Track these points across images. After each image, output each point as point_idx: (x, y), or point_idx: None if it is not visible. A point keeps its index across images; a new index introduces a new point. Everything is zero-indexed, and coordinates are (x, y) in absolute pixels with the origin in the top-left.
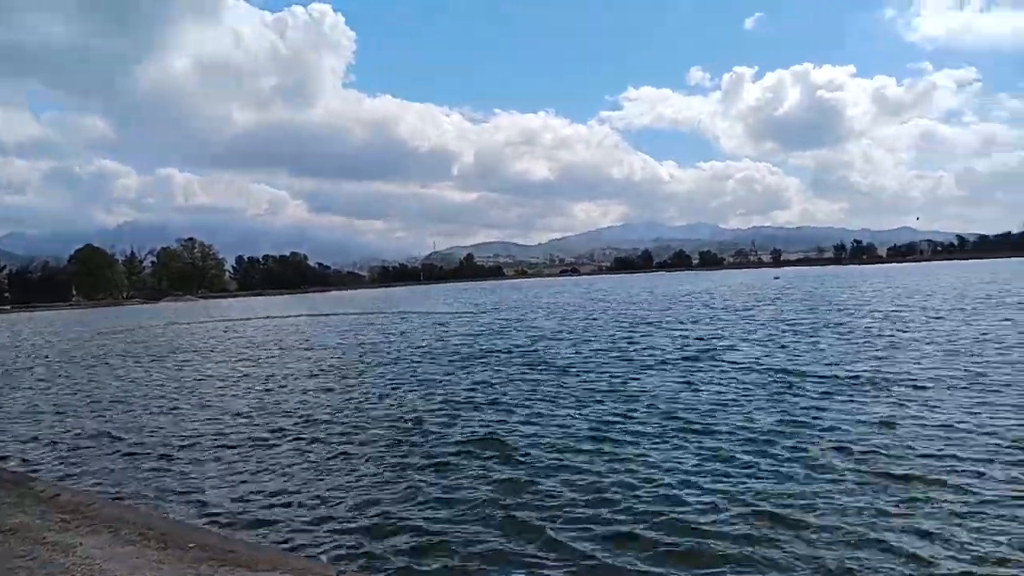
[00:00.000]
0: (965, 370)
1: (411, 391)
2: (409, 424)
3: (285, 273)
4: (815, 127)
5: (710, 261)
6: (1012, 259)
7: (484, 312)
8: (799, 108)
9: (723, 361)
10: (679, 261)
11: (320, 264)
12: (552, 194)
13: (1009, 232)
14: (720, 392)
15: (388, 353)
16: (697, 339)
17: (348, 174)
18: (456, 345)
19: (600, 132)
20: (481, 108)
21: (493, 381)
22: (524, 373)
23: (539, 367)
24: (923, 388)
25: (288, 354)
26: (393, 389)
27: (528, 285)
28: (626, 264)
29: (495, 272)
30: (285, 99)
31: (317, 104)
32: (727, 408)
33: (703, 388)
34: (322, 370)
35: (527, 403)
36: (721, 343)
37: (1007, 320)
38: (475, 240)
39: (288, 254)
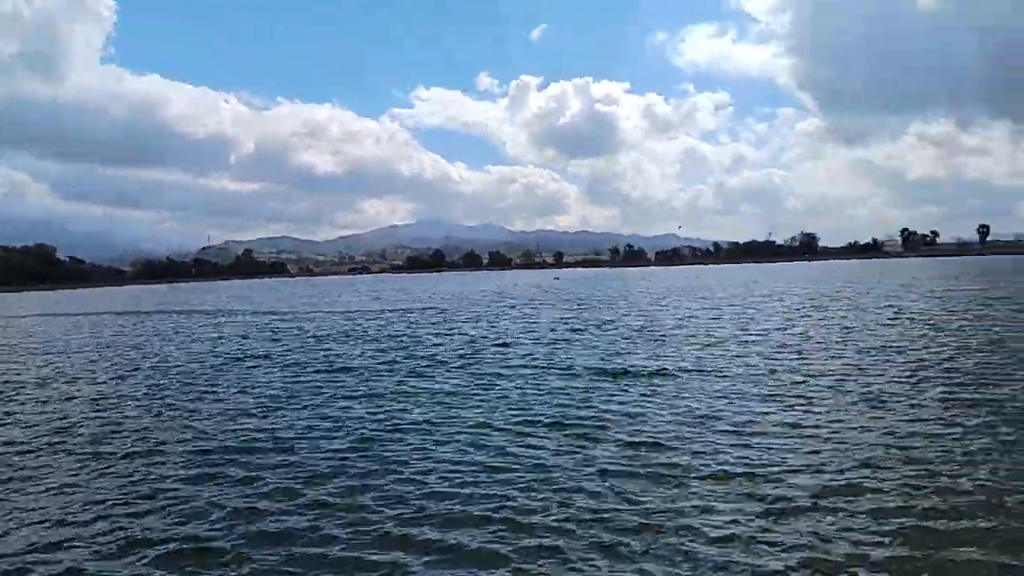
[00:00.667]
0: (714, 362)
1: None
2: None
3: (25, 265)
4: (593, 138)
5: (500, 261)
6: (763, 264)
7: (263, 312)
8: (579, 119)
9: (508, 358)
10: (471, 261)
11: (72, 258)
12: (341, 189)
13: (754, 240)
14: (508, 387)
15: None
16: (482, 337)
17: (108, 159)
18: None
19: (391, 128)
20: (263, 95)
21: (265, 384)
22: (302, 377)
23: (323, 371)
24: (676, 376)
25: None
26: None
27: (317, 283)
28: (419, 263)
29: (278, 269)
30: (28, 69)
31: (68, 78)
32: (512, 402)
33: (488, 383)
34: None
35: (298, 406)
36: (505, 339)
37: (750, 317)
38: (256, 234)
39: (32, 245)
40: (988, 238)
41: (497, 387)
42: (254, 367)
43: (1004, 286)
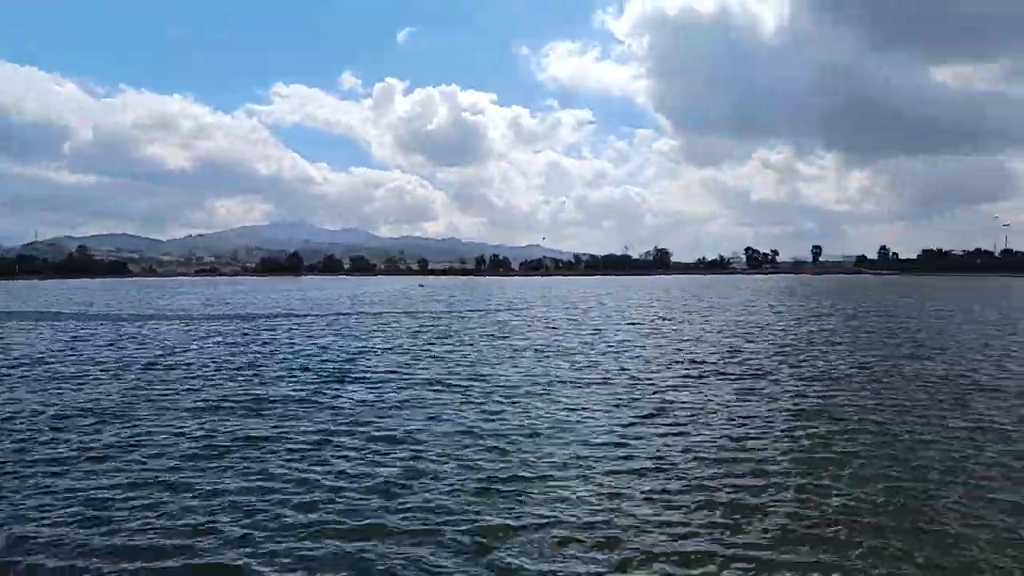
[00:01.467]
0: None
1: None
2: None
3: None
4: (461, 146)
5: (362, 267)
6: (621, 276)
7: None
8: (446, 126)
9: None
10: (330, 265)
11: None
12: (191, 186)
13: (612, 253)
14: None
15: None
16: (325, 347)
17: None
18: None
19: (247, 125)
20: (105, 82)
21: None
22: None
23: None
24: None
25: None
26: None
27: (158, 284)
28: (274, 266)
29: (118, 268)
30: None
31: None
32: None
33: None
34: None
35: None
36: (358, 352)
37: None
38: (93, 230)
39: None
40: (820, 258)
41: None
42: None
43: (833, 303)
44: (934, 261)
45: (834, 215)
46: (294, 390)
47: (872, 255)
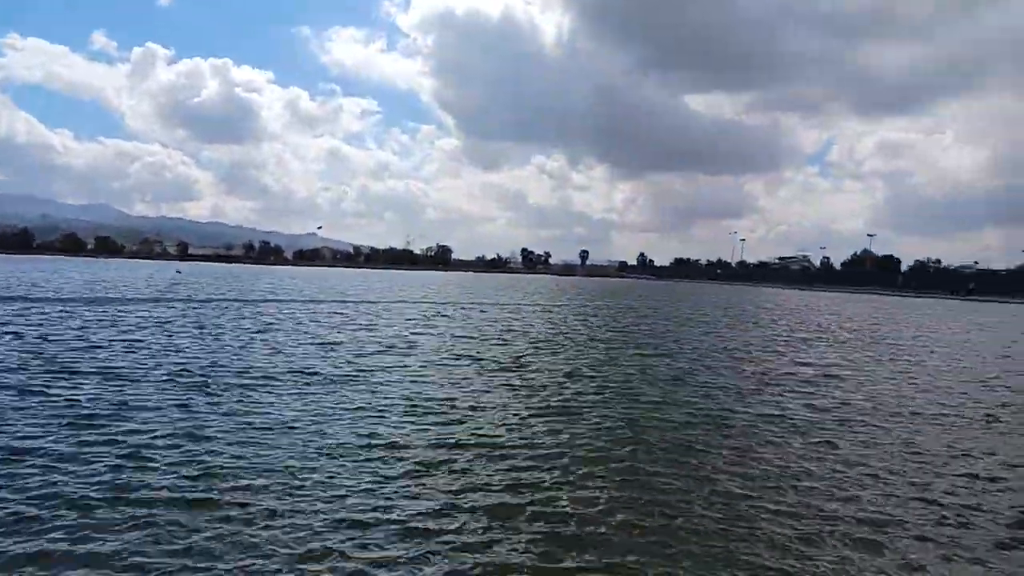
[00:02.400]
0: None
1: None
2: None
3: None
4: (232, 124)
5: (109, 247)
6: (402, 271)
7: None
8: (216, 102)
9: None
10: (71, 244)
11: None
12: None
13: (393, 247)
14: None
15: None
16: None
17: None
18: None
19: None
20: None
21: None
22: None
23: None
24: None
25: None
26: None
27: None
28: None
29: None
30: None
31: None
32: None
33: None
34: None
35: None
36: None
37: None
38: None
39: None
40: (588, 261)
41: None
42: None
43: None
44: (683, 269)
45: (602, 222)
46: None
47: (633, 261)
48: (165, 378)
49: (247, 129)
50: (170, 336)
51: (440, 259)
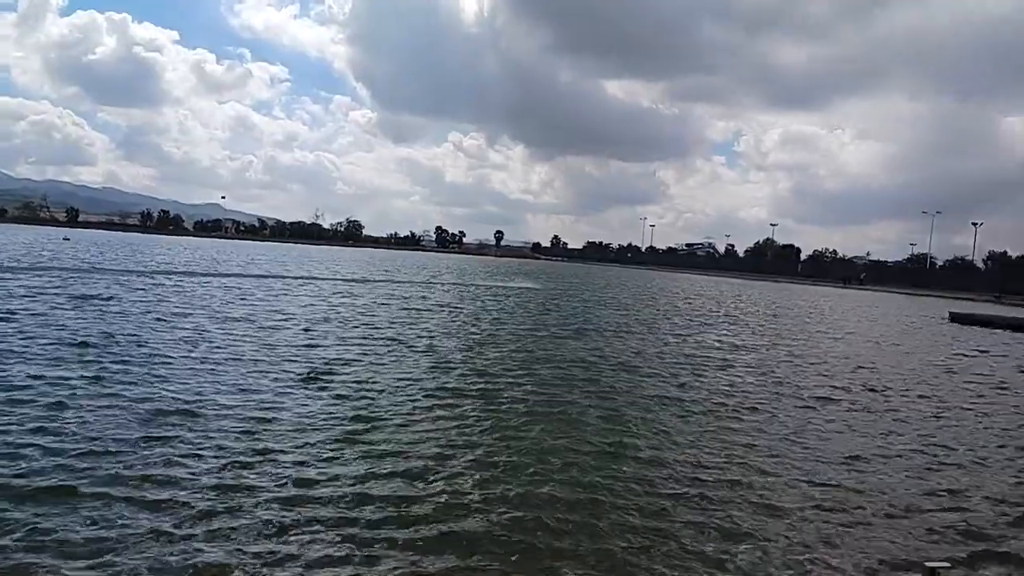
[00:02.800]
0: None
1: None
2: None
3: None
4: (130, 85)
5: None
6: (310, 245)
7: None
8: (113, 59)
9: None
10: None
11: None
12: None
13: (302, 221)
14: None
15: None
16: None
17: None
18: None
19: None
20: None
21: None
22: None
23: None
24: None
25: None
26: None
27: None
28: None
29: None
30: None
31: None
32: None
33: None
34: None
35: None
36: None
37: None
38: None
39: None
40: (503, 242)
41: None
42: None
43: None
44: (596, 252)
45: (517, 203)
46: None
47: (547, 242)
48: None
49: (147, 91)
50: (49, 309)
51: (350, 234)
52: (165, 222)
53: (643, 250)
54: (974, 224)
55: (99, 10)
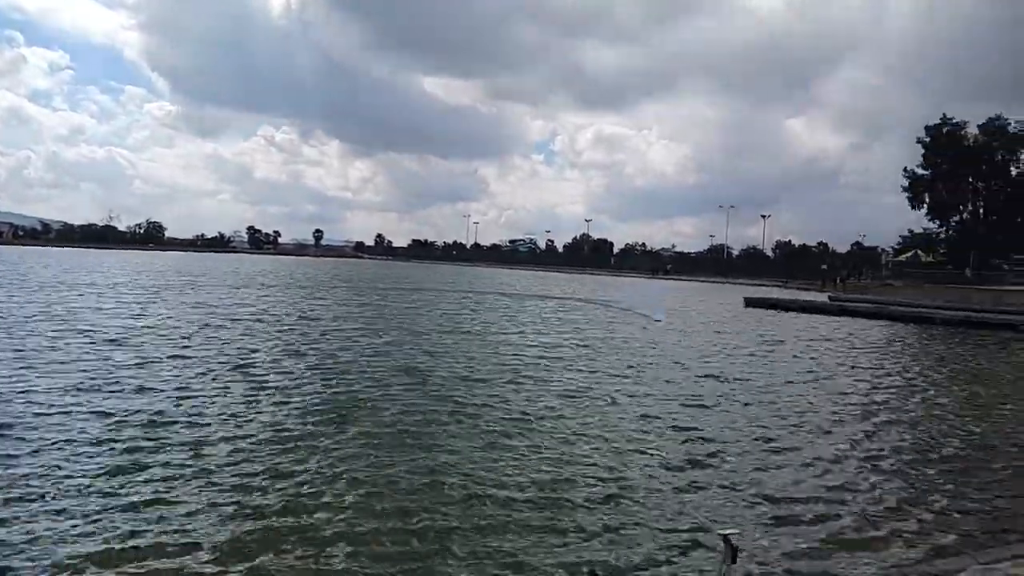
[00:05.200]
0: None
1: None
2: None
3: None
4: None
5: None
6: (104, 250)
7: None
8: None
9: None
10: None
11: None
12: None
13: (94, 224)
14: None
15: None
16: None
17: None
18: None
19: None
20: None
21: None
22: None
23: None
24: None
25: None
26: None
27: None
28: None
29: None
30: None
31: None
32: None
33: None
34: None
35: None
36: None
37: None
38: None
39: None
40: (323, 241)
41: None
42: None
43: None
44: (421, 250)
45: (336, 200)
46: None
47: (370, 241)
48: None
49: None
50: None
51: (150, 237)
52: None
53: (468, 247)
54: (763, 216)
55: None
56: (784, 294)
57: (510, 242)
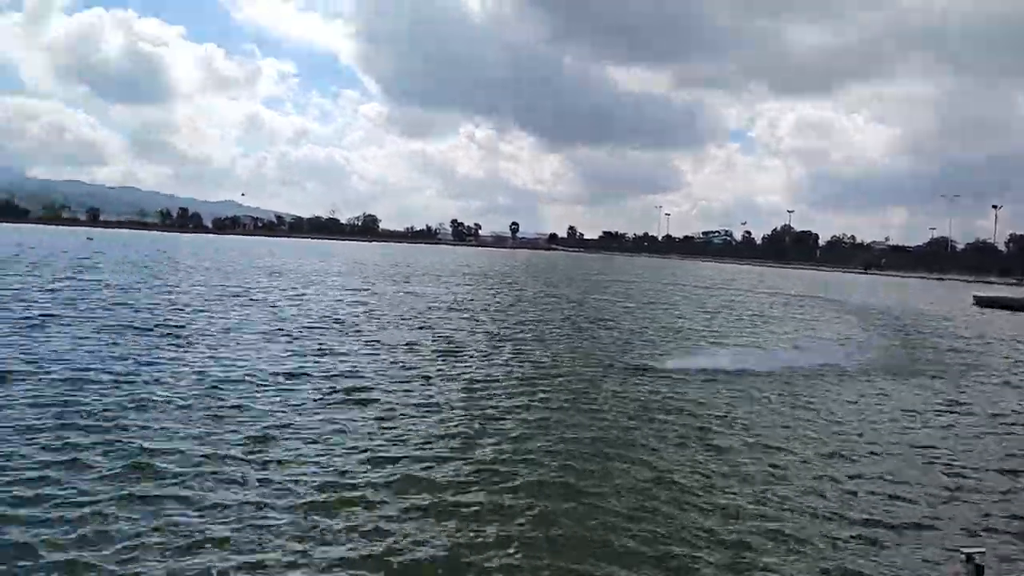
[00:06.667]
0: None
1: None
2: None
3: None
4: (139, 82)
5: (11, 212)
6: (329, 240)
7: None
8: (122, 56)
9: None
10: None
11: None
12: None
13: (319, 216)
14: None
15: None
16: None
17: None
18: None
19: None
20: None
21: None
22: None
23: None
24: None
25: None
26: None
27: None
28: None
29: None
30: None
31: None
32: None
33: None
34: None
35: None
36: None
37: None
38: None
39: None
40: (519, 233)
41: None
42: None
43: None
44: (612, 242)
45: (531, 194)
46: None
47: (562, 233)
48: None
49: (157, 89)
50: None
51: (367, 229)
52: (184, 220)
53: (659, 239)
54: (994, 207)
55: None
56: (1020, 293)
57: (703, 234)
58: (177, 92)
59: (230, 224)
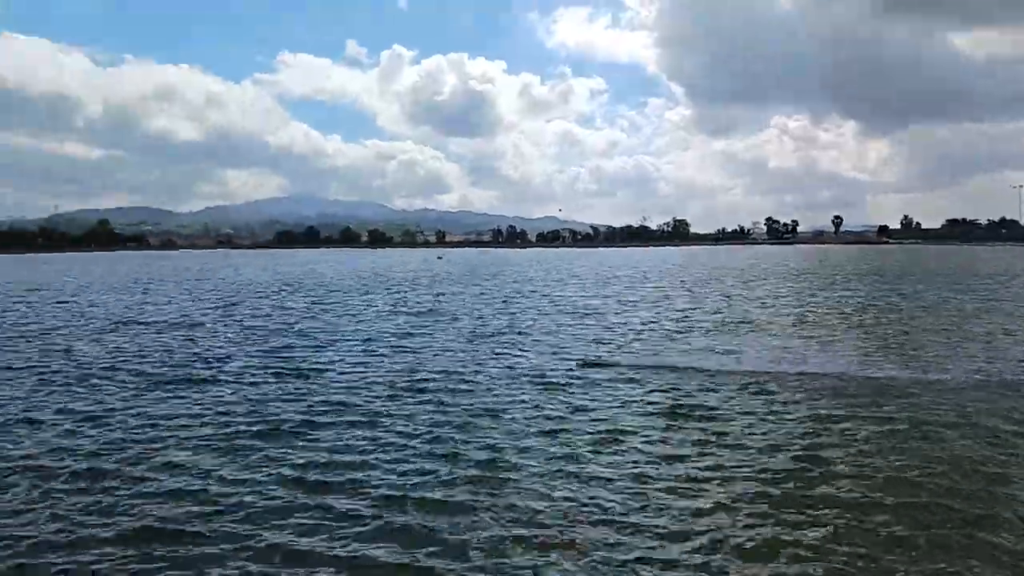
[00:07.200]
0: None
1: None
2: None
3: None
4: (470, 116)
5: (379, 239)
6: (641, 248)
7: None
8: (456, 96)
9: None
10: (348, 237)
11: None
12: (202, 158)
13: (630, 224)
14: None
15: None
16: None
17: None
18: None
19: (253, 93)
20: (108, 50)
21: None
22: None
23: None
24: None
25: None
26: None
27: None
28: (290, 238)
29: (137, 240)
30: None
31: None
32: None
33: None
34: None
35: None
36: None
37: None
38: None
39: None
40: (842, 227)
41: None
42: None
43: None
44: (957, 230)
45: (853, 184)
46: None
47: (894, 224)
48: None
49: (484, 120)
50: None
51: (677, 234)
52: (513, 236)
53: (1022, 223)
54: None
55: (441, 53)
56: None
57: None
58: (501, 122)
59: (551, 238)
